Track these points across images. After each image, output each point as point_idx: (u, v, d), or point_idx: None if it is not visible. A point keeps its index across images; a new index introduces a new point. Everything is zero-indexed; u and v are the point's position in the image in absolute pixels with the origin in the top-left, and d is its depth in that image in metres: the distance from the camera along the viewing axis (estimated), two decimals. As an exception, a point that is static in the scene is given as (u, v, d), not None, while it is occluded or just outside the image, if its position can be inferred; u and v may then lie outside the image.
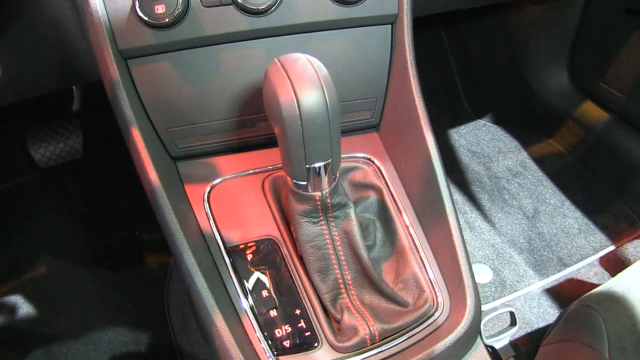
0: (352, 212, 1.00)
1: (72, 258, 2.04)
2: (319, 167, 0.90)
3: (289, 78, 0.83)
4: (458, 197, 2.18)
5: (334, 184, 0.95)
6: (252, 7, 1.02)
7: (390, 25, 1.15)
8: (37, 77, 1.41)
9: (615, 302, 1.17)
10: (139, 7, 0.99)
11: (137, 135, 1.04)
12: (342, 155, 1.15)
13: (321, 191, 0.94)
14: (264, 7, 1.02)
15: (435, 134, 1.13)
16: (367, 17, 1.11)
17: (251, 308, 1.01)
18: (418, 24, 1.59)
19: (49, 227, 2.11)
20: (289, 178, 0.95)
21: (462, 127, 2.47)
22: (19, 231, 2.09)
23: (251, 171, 1.18)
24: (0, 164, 2.17)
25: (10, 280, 1.96)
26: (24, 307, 1.89)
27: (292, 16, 1.07)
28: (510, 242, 2.04)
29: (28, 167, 2.14)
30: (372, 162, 1.21)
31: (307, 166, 0.89)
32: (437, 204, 1.08)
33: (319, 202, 0.96)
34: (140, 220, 2.05)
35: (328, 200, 0.96)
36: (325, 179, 0.93)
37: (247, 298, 1.02)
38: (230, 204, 1.13)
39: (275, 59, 0.89)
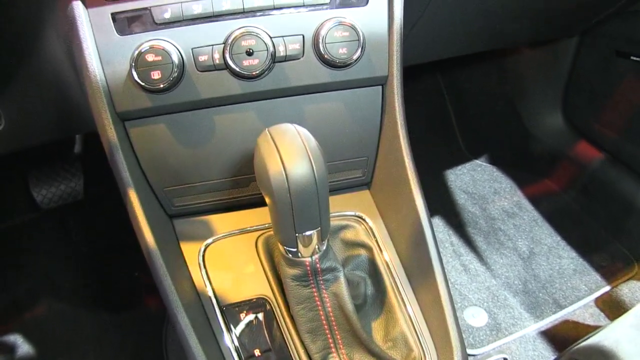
0: (341, 275, 1.02)
1: (72, 298, 2.05)
2: (309, 235, 0.93)
3: (278, 151, 0.86)
4: (454, 239, 2.20)
5: (324, 249, 0.98)
6: (246, 72, 1.05)
7: (380, 87, 1.18)
8: (39, 127, 1.45)
9: (603, 358, 1.19)
10: (136, 72, 1.02)
11: (134, 197, 1.07)
12: (334, 213, 1.18)
13: (311, 256, 0.97)
14: (257, 72, 1.05)
15: (431, 175, 1.16)
16: (357, 80, 1.14)
17: (243, 366, 1.04)
18: (414, 67, 1.62)
19: (49, 267, 2.13)
20: (279, 244, 0.98)
21: (458, 167, 2.49)
22: (19, 271, 2.11)
23: (245, 229, 1.21)
24: (2, 203, 2.20)
25: (10, 320, 1.98)
26: (24, 347, 1.91)
27: (284, 80, 1.10)
28: (506, 284, 2.05)
29: (29, 208, 2.18)
30: (364, 220, 1.24)
31: (297, 234, 0.92)
32: (426, 265, 1.10)
33: (309, 267, 0.98)
34: (140, 262, 2.06)
35: (318, 265, 0.99)
36: (314, 246, 0.96)
37: (239, 356, 1.04)
38: (224, 262, 1.16)
39: (266, 130, 0.92)
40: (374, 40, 1.12)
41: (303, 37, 1.08)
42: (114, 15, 1.04)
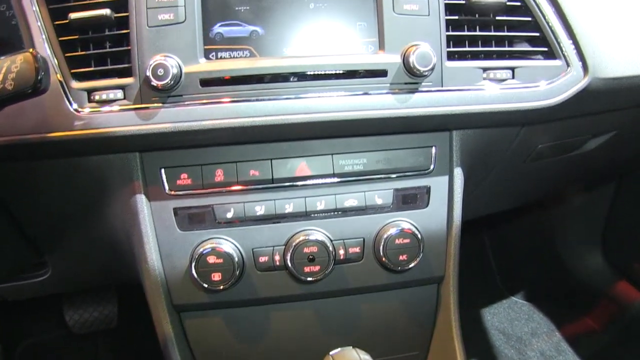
0: None
1: None
2: None
3: None
4: (489, 387, 2.14)
5: None
6: (304, 277, 1.05)
7: (436, 284, 1.17)
8: (83, 279, 1.46)
9: None
10: (196, 273, 1.03)
11: None
12: None
13: None
14: (317, 278, 1.05)
15: (466, 312, 1.13)
16: (414, 281, 1.14)
17: None
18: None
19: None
20: None
21: (495, 305, 2.45)
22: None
23: None
24: (33, 322, 2.19)
25: None
26: None
27: (343, 282, 1.11)
28: None
29: (61, 328, 2.16)
30: None
31: None
32: None
33: None
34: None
35: None
36: None
37: None
38: None
39: (330, 356, 0.91)
40: (432, 242, 1.12)
41: (364, 240, 1.09)
42: (176, 210, 1.06)
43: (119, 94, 0.95)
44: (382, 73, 0.98)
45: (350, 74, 0.98)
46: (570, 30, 1.07)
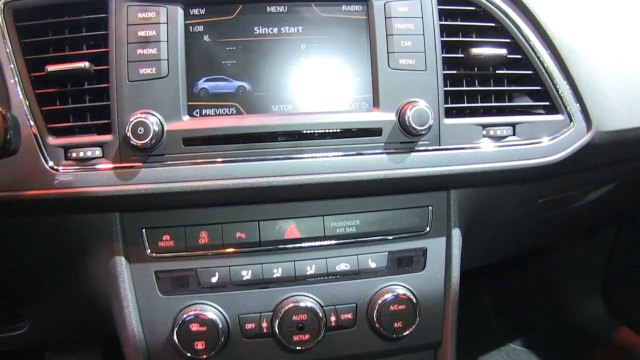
0: None
1: None
2: None
3: None
4: None
5: None
6: (293, 346, 0.99)
7: (433, 350, 1.11)
8: (62, 332, 1.41)
9: None
10: (179, 341, 0.97)
11: None
12: None
13: None
14: (310, 345, 1.00)
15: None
16: (410, 347, 1.08)
17: None
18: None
19: None
20: None
21: (492, 352, 2.37)
22: None
23: None
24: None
25: None
26: None
27: (333, 349, 1.05)
28: None
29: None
30: None
31: None
32: None
33: None
34: None
35: None
36: None
37: None
38: None
39: None
40: (429, 307, 1.06)
41: (356, 306, 1.03)
42: (157, 274, 1.00)
43: (98, 151, 0.89)
44: (376, 132, 0.93)
45: (343, 133, 0.93)
46: (573, 83, 1.02)
